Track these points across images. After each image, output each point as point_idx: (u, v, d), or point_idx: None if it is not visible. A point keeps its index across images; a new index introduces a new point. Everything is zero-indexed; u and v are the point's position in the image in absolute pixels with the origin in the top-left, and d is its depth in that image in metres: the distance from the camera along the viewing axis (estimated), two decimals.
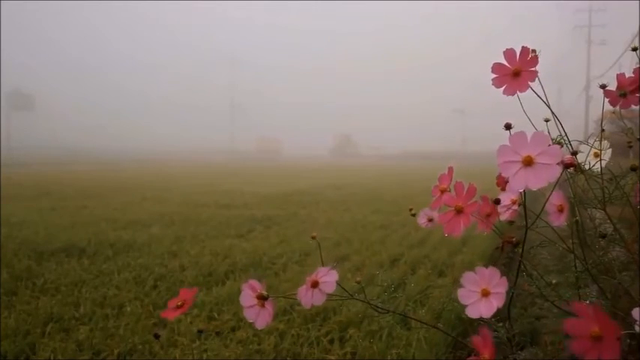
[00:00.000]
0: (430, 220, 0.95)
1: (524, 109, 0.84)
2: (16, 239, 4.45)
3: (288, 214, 6.51)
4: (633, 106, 0.83)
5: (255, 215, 6.36)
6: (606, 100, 0.85)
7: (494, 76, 0.76)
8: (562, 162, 0.66)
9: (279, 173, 18.22)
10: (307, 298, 0.75)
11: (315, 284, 0.75)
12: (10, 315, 2.61)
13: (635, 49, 0.86)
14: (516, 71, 0.74)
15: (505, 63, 0.75)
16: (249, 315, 0.77)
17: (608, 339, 0.52)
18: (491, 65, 0.75)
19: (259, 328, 0.75)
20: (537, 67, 0.74)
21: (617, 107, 0.84)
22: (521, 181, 0.64)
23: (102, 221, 5.71)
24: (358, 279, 0.91)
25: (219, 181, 13.24)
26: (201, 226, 5.50)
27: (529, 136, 0.65)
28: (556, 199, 0.75)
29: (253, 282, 0.77)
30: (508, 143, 0.66)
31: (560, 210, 0.74)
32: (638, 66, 0.83)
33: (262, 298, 0.74)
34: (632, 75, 0.83)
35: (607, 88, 0.85)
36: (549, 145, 0.64)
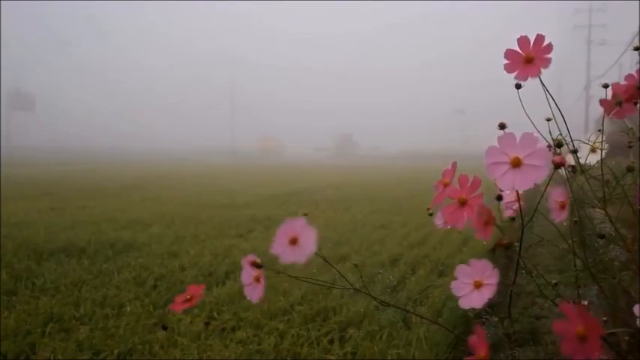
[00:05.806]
0: None
1: (525, 109, 0.84)
2: (16, 239, 4.45)
3: (288, 214, 6.48)
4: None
5: (256, 215, 6.36)
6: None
7: (506, 61, 0.75)
8: (552, 161, 0.66)
9: (279, 173, 18.22)
10: (287, 255, 0.69)
11: (294, 241, 0.68)
12: (10, 315, 2.61)
13: (636, 49, 0.85)
14: (529, 57, 0.73)
15: (518, 50, 0.74)
16: (249, 292, 0.75)
17: (591, 338, 0.53)
18: (504, 51, 0.75)
19: (254, 302, 0.73)
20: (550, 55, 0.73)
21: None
22: (509, 182, 0.64)
23: (102, 221, 5.71)
24: (355, 262, 0.90)
25: (220, 181, 13.24)
26: (201, 226, 5.50)
27: (518, 137, 0.64)
28: (558, 195, 0.75)
29: (252, 256, 0.75)
30: (496, 144, 0.65)
31: (562, 207, 0.74)
32: (636, 68, 0.82)
33: (256, 266, 0.72)
34: (625, 82, 0.82)
35: (602, 98, 0.85)
36: (538, 146, 0.63)
